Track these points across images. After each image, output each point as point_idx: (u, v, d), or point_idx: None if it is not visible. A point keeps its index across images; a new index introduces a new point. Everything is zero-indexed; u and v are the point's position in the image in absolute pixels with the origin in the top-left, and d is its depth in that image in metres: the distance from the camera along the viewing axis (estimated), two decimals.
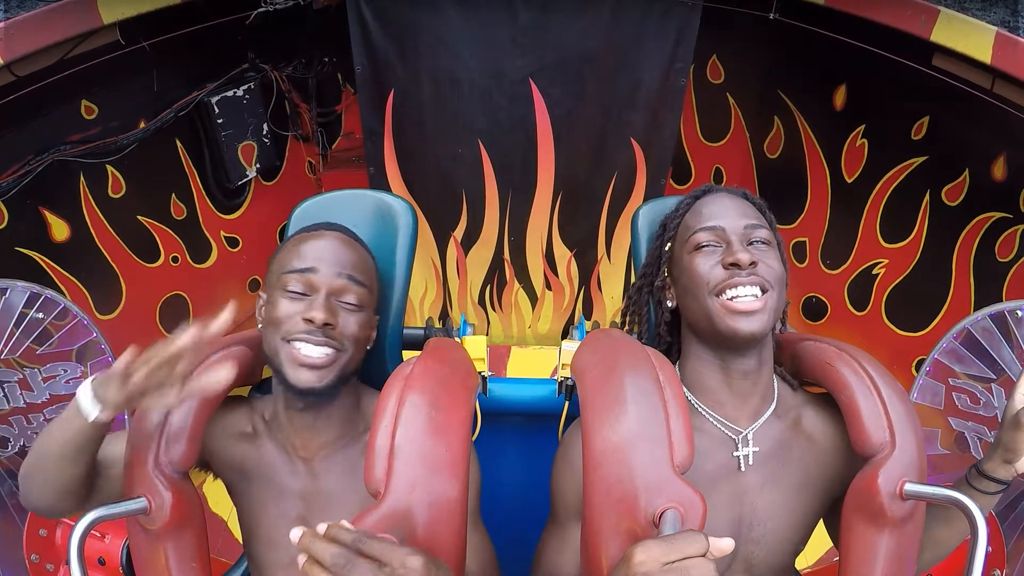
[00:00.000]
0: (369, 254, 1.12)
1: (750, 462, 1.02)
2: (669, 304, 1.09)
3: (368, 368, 1.18)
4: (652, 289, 1.16)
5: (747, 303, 0.95)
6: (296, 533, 0.72)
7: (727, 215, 1.03)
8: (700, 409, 1.04)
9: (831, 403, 1.03)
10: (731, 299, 0.96)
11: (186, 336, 0.87)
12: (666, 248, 1.09)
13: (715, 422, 1.03)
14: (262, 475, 1.08)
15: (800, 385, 1.12)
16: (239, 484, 1.11)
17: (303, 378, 0.98)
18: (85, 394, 0.90)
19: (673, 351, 1.17)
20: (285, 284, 1.01)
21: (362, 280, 1.04)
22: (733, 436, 1.03)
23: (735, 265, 0.97)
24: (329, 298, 1.00)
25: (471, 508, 1.06)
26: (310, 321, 0.97)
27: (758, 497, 1.03)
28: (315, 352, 0.98)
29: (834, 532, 1.12)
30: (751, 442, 1.02)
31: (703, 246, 1.01)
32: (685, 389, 1.06)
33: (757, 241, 1.01)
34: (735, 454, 1.02)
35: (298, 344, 0.98)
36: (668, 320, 1.13)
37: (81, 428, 0.91)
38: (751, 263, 0.96)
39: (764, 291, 0.97)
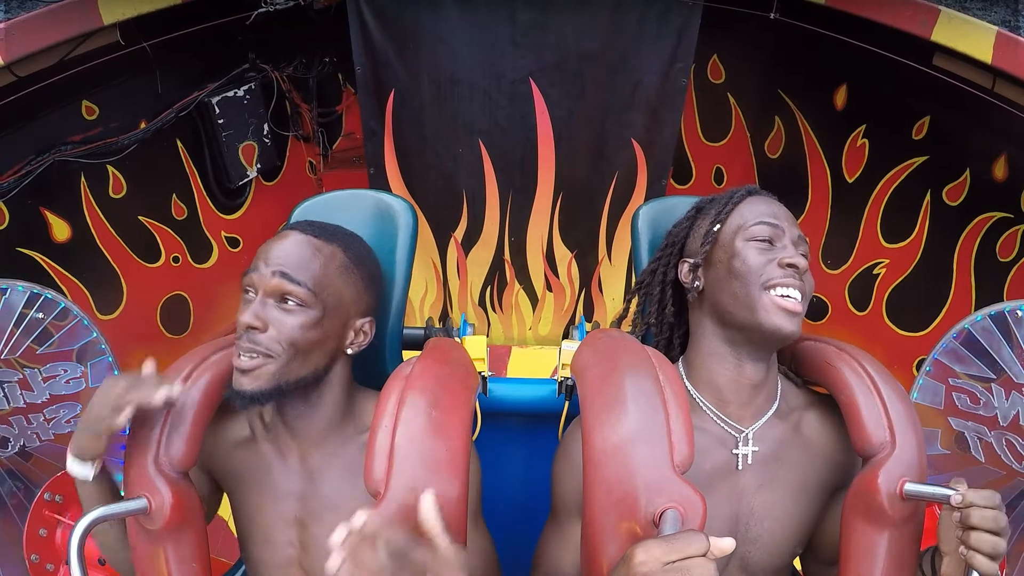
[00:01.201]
0: (336, 245, 1.03)
1: (748, 462, 1.02)
2: (697, 285, 1.08)
3: (368, 368, 1.18)
4: (668, 268, 1.15)
5: (794, 304, 0.98)
6: (340, 534, 0.74)
7: (786, 219, 1.05)
8: (703, 406, 1.04)
9: (834, 405, 1.03)
10: (782, 296, 0.98)
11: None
12: (715, 229, 1.08)
13: (717, 420, 1.03)
14: (260, 477, 1.08)
15: (803, 383, 1.12)
16: (237, 489, 1.11)
17: (237, 381, 0.97)
18: (72, 464, 0.95)
19: (675, 341, 1.17)
20: (242, 287, 1.00)
21: (298, 279, 0.96)
22: (734, 434, 1.03)
23: (792, 267, 0.99)
24: (265, 300, 0.97)
25: (472, 509, 1.05)
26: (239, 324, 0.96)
27: (755, 497, 1.03)
28: (244, 356, 0.96)
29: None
30: (751, 441, 1.02)
31: (761, 239, 1.03)
32: (689, 385, 1.06)
33: (802, 253, 1.04)
34: (734, 451, 1.02)
35: (237, 349, 0.97)
36: (691, 301, 1.11)
37: (88, 495, 0.97)
38: (804, 270, 1.00)
39: (803, 298, 1.00)
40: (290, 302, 0.97)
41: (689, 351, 1.10)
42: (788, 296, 0.98)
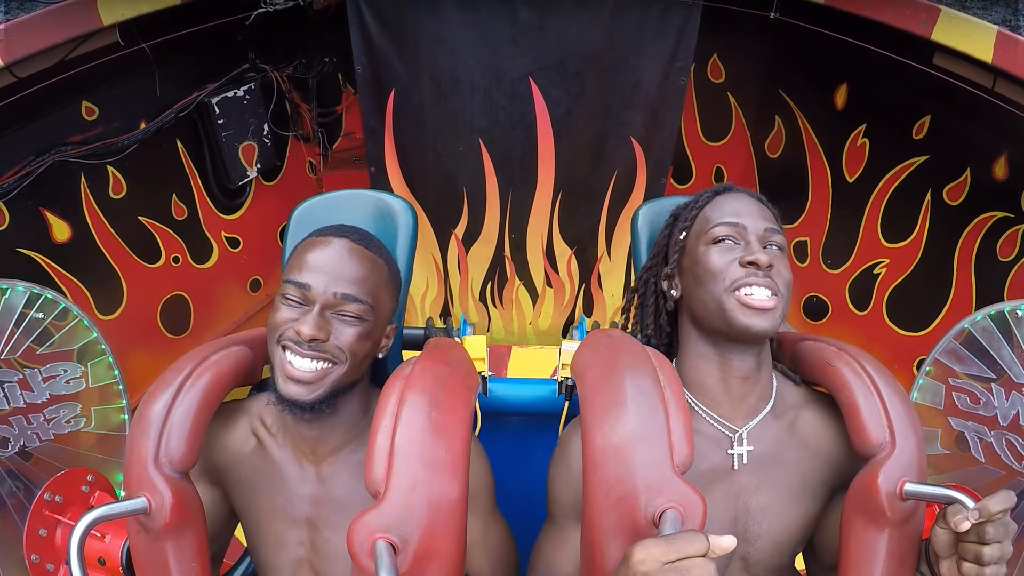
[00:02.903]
0: (381, 257, 1.07)
1: (744, 461, 1.02)
2: (674, 293, 1.09)
3: (368, 368, 1.18)
4: (657, 278, 1.15)
5: (762, 300, 0.96)
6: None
7: (749, 214, 1.03)
8: (696, 408, 1.04)
9: (832, 403, 1.03)
10: (747, 295, 0.96)
11: None
12: (681, 237, 1.08)
13: (711, 421, 1.03)
14: (273, 482, 1.08)
15: (802, 381, 1.12)
16: (248, 496, 1.11)
17: (291, 391, 0.97)
18: None
19: (674, 344, 1.17)
20: (285, 291, 1.00)
21: (360, 296, 0.99)
22: (728, 435, 1.02)
23: (753, 264, 0.97)
24: (323, 312, 0.98)
25: (486, 502, 1.07)
26: (299, 333, 0.97)
27: (752, 497, 1.02)
28: (304, 366, 0.97)
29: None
30: (745, 441, 1.02)
31: (721, 240, 1.01)
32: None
33: (773, 245, 1.02)
34: (729, 452, 1.02)
35: (288, 355, 0.97)
36: (670, 310, 1.12)
37: None
38: (768, 265, 0.97)
39: (775, 294, 0.97)
40: (348, 314, 0.99)
41: (679, 355, 1.10)
42: (753, 295, 0.96)
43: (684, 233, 1.07)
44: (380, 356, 1.09)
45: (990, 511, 0.77)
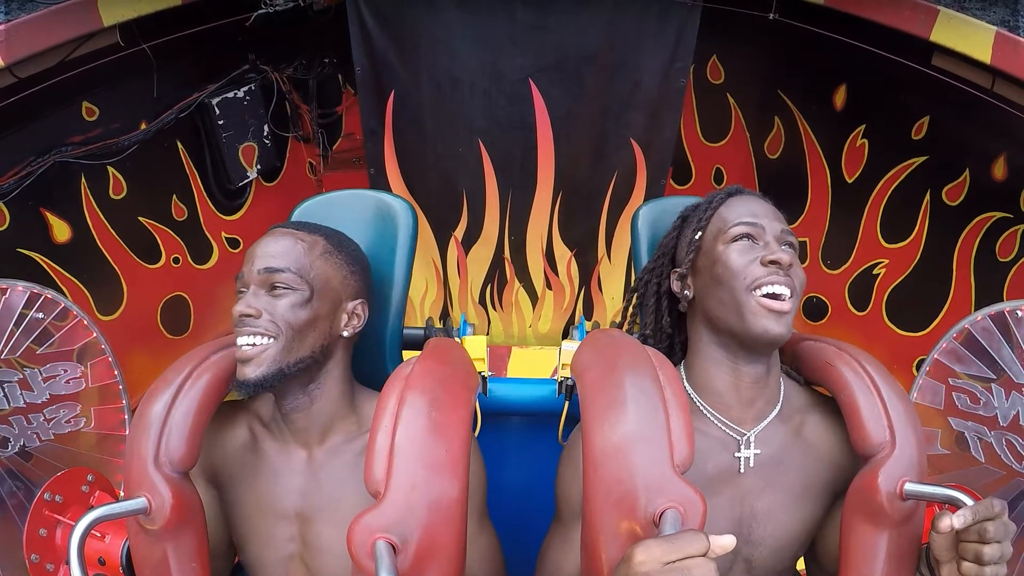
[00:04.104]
0: (317, 234, 1.08)
1: (751, 464, 1.02)
2: (687, 294, 1.08)
3: (368, 368, 1.18)
4: (661, 279, 1.14)
5: (781, 304, 0.96)
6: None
7: (766, 216, 1.04)
8: (705, 411, 1.04)
9: (836, 408, 1.03)
10: (768, 295, 0.97)
11: None
12: (696, 236, 1.08)
13: (719, 424, 1.03)
14: (263, 476, 1.08)
15: (806, 383, 1.12)
16: (239, 491, 1.11)
17: (241, 373, 1.00)
18: None
19: (676, 348, 1.17)
20: (236, 290, 1.05)
21: (282, 267, 1.02)
22: (736, 438, 1.03)
23: (775, 263, 0.97)
24: (256, 292, 1.02)
25: (477, 507, 1.06)
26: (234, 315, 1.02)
27: (758, 500, 1.03)
28: (242, 342, 1.00)
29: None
30: (753, 444, 1.02)
31: (741, 239, 1.02)
32: (690, 389, 1.06)
33: (789, 246, 1.03)
34: (736, 455, 1.02)
35: (237, 340, 1.01)
36: (683, 311, 1.12)
37: None
38: (788, 264, 0.98)
39: (792, 294, 0.98)
40: (279, 288, 1.02)
41: (688, 356, 1.10)
42: (775, 294, 0.97)
43: (699, 233, 1.07)
44: (346, 335, 1.08)
45: (976, 518, 0.78)
